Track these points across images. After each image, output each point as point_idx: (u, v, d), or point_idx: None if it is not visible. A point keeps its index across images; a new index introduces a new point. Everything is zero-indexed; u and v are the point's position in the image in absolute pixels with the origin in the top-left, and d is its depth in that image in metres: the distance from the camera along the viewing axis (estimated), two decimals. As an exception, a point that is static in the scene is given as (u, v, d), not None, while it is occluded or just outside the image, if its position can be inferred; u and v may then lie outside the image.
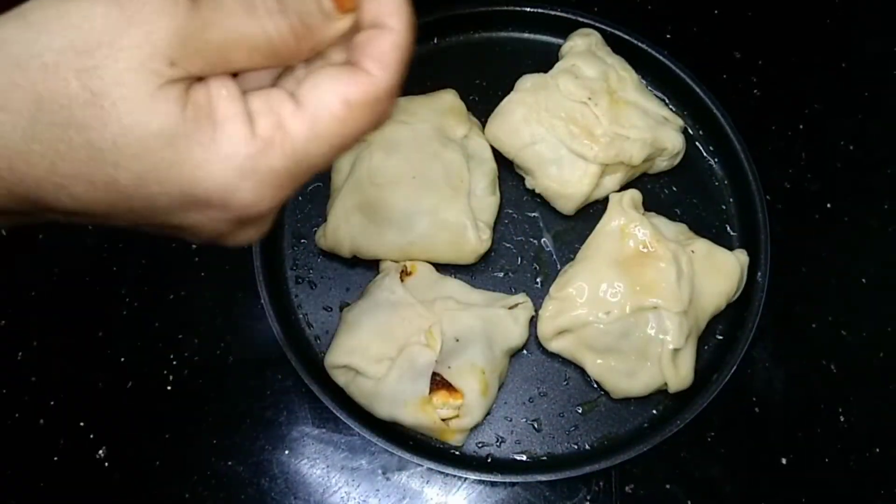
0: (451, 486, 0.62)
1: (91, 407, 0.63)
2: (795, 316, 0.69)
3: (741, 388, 0.65)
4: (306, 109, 0.31)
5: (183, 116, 0.29)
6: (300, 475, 0.62)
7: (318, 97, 0.31)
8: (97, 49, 0.28)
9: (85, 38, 0.28)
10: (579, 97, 0.66)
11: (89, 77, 0.28)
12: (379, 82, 0.32)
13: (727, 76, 0.77)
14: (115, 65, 0.28)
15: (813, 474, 0.64)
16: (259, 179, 0.30)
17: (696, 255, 0.63)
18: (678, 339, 0.60)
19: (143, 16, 0.28)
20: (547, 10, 0.74)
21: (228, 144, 0.30)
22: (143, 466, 0.62)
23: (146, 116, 0.28)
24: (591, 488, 0.62)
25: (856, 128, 0.76)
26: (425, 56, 0.75)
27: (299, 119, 0.31)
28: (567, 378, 0.65)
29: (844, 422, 0.65)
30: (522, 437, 0.63)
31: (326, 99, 0.31)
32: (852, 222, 0.72)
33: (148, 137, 0.28)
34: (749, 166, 0.68)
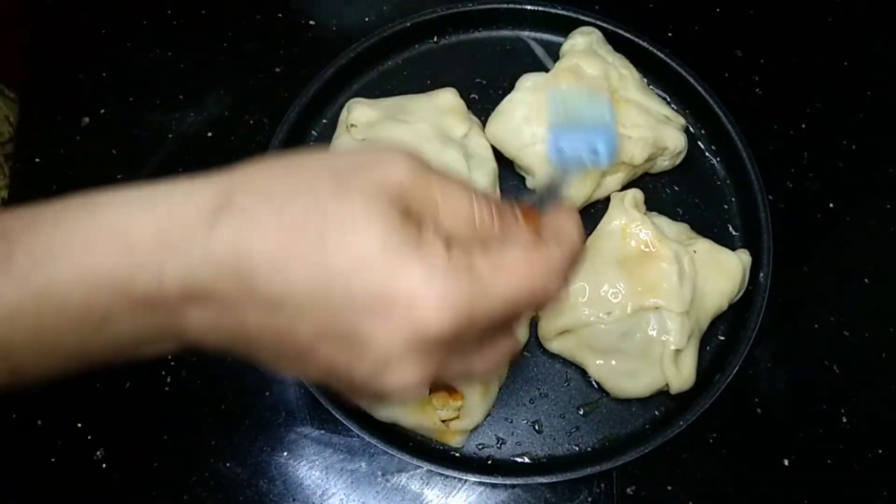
0: (451, 487, 0.61)
1: (89, 408, 0.63)
2: (797, 316, 0.68)
3: (743, 389, 0.65)
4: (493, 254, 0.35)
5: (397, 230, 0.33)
6: (299, 477, 0.61)
7: (504, 250, 0.35)
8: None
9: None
10: (580, 96, 0.65)
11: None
12: (555, 254, 0.37)
13: (729, 75, 0.76)
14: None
15: (815, 475, 0.63)
16: (446, 292, 0.33)
17: (697, 255, 0.63)
18: (680, 340, 0.60)
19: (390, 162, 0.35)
20: (547, 8, 0.74)
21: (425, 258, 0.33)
22: (142, 467, 0.61)
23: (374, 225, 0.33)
24: (593, 490, 0.61)
25: (858, 127, 0.76)
26: (425, 55, 0.75)
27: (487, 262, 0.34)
28: (568, 379, 0.64)
29: (847, 422, 0.65)
30: (523, 439, 0.62)
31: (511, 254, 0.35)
32: (854, 222, 0.72)
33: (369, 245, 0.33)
34: (751, 165, 0.68)
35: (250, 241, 0.32)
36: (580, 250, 0.38)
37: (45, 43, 0.77)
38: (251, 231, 0.32)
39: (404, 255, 0.32)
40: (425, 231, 0.34)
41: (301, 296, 0.32)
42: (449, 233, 0.35)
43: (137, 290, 0.32)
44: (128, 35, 0.77)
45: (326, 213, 0.32)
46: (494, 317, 0.35)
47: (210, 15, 0.78)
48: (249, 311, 0.33)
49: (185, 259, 0.32)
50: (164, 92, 0.74)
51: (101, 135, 0.72)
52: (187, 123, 0.73)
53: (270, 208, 0.33)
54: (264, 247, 0.32)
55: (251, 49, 0.76)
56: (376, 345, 0.33)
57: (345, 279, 0.32)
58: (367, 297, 0.32)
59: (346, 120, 0.68)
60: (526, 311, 0.37)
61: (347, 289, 0.32)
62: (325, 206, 0.33)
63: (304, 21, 0.78)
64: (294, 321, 0.33)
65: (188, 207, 0.33)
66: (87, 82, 0.74)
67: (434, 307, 0.32)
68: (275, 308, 0.33)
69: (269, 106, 0.72)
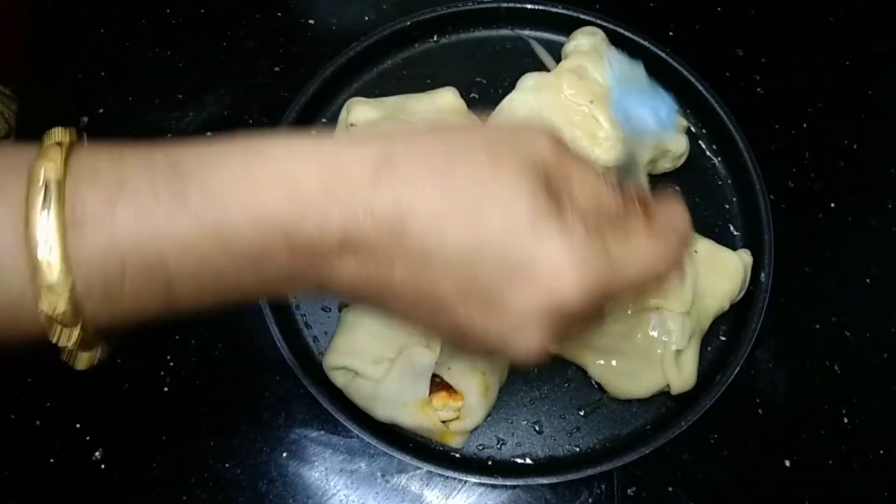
0: (452, 488, 0.61)
1: (88, 408, 0.63)
2: (799, 316, 0.68)
3: (744, 390, 0.64)
4: (621, 237, 0.37)
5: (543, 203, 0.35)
6: (298, 477, 0.61)
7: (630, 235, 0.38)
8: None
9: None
10: (582, 98, 0.65)
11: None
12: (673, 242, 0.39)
13: (730, 74, 0.76)
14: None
15: (817, 476, 0.63)
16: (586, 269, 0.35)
17: (698, 255, 0.63)
18: (681, 340, 0.60)
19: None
20: (548, 8, 0.74)
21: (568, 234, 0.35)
22: (140, 468, 0.61)
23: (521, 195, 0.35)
24: (593, 491, 0.61)
25: (859, 127, 0.75)
26: (425, 54, 0.75)
27: (617, 241, 0.37)
28: (568, 380, 0.64)
29: (848, 423, 0.65)
30: (523, 440, 0.62)
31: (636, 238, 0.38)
32: (856, 222, 0.72)
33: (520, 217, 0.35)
34: (752, 165, 0.68)
35: (411, 199, 0.34)
36: (689, 237, 0.41)
37: (45, 42, 0.77)
38: (413, 189, 0.34)
39: (550, 227, 0.34)
40: (565, 207, 0.36)
41: (452, 255, 0.34)
42: (583, 210, 0.37)
43: (301, 235, 0.34)
44: (127, 34, 0.76)
45: (483, 182, 0.35)
46: (621, 295, 0.37)
47: (209, 14, 0.78)
48: (399, 265, 0.35)
49: (348, 209, 0.34)
50: (163, 91, 0.74)
51: (100, 134, 0.72)
52: (186, 123, 0.73)
53: (432, 170, 0.35)
54: (424, 205, 0.34)
55: (251, 48, 0.76)
56: (514, 309, 0.35)
57: (494, 244, 0.34)
58: (513, 264, 0.34)
59: (345, 119, 0.67)
60: (645, 292, 0.42)
61: (496, 253, 0.34)
62: (481, 175, 0.35)
63: (303, 20, 0.78)
64: (441, 278, 0.35)
65: (354, 160, 0.35)
66: (86, 82, 0.74)
67: (573, 281, 0.34)
68: (425, 263, 0.35)
69: (269, 105, 0.72)
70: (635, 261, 0.37)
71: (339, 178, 0.34)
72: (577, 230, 0.35)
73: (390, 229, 0.34)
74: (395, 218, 0.34)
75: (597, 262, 0.35)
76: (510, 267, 0.34)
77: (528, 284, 0.34)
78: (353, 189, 0.34)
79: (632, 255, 0.37)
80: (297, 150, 0.35)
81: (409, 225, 0.34)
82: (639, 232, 0.38)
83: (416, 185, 0.34)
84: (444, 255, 0.34)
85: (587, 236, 0.35)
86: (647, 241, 0.38)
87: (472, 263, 0.35)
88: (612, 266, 0.36)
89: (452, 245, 0.34)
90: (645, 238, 0.38)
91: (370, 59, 0.73)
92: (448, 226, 0.34)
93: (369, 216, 0.34)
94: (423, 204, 0.34)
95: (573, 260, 0.34)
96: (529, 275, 0.34)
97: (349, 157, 0.35)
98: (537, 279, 0.34)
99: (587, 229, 0.35)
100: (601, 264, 0.35)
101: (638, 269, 0.37)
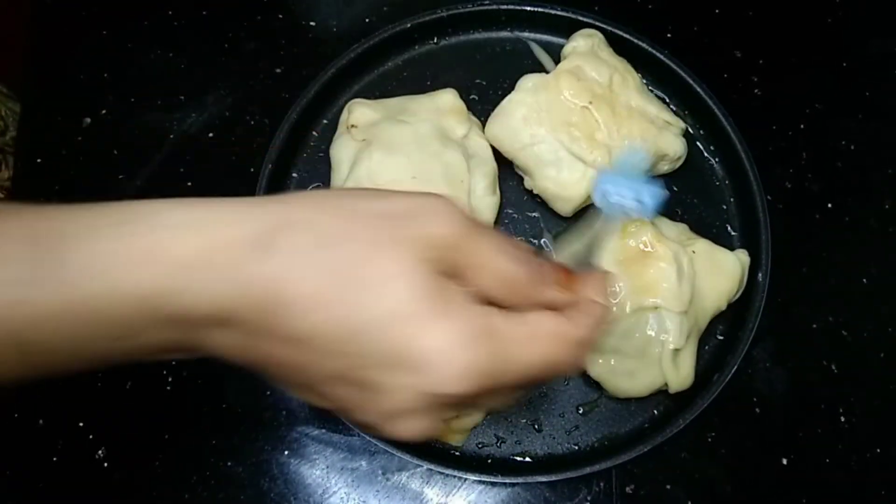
0: (451, 486, 0.62)
1: (90, 407, 0.63)
2: (796, 316, 0.68)
3: (742, 389, 0.65)
4: (525, 323, 0.35)
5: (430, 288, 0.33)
6: (300, 476, 0.62)
7: (536, 319, 0.36)
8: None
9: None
10: (581, 100, 0.66)
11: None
12: (583, 327, 0.37)
13: (728, 75, 0.77)
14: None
15: (814, 475, 0.63)
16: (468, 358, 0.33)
17: (696, 255, 0.63)
18: (679, 340, 0.60)
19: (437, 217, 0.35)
20: (547, 10, 0.74)
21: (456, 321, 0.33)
22: (143, 467, 0.62)
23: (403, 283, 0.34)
24: (592, 489, 0.62)
25: (857, 128, 0.76)
26: (425, 55, 0.75)
27: (517, 330, 0.35)
28: (567, 378, 0.65)
29: (845, 422, 0.65)
30: (522, 438, 0.63)
31: (542, 323, 0.36)
32: (853, 222, 0.72)
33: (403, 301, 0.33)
34: (750, 166, 0.68)
35: (287, 277, 0.33)
36: (604, 321, 0.38)
37: (46, 43, 0.77)
38: (290, 266, 0.33)
39: (436, 315, 0.33)
40: (459, 291, 0.34)
41: (324, 339, 0.33)
42: (486, 293, 0.35)
43: (173, 308, 0.33)
44: (128, 35, 0.77)
45: (365, 263, 0.33)
46: (513, 384, 0.35)
47: (211, 15, 0.78)
48: (274, 343, 0.34)
49: (222, 284, 0.33)
50: (164, 92, 0.74)
51: (102, 135, 0.72)
52: (188, 124, 0.73)
53: (312, 249, 0.33)
54: (299, 287, 0.33)
55: (252, 49, 0.77)
56: (389, 397, 0.34)
57: (369, 331, 0.33)
58: (389, 353, 0.33)
59: (346, 120, 0.68)
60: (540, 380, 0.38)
61: (371, 340, 0.33)
62: (365, 256, 0.33)
63: (304, 22, 0.78)
64: (314, 360, 0.34)
65: (232, 233, 0.33)
66: (88, 82, 0.75)
67: (454, 373, 0.33)
68: (299, 345, 0.34)
69: (270, 106, 0.73)
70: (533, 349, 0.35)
71: (216, 252, 0.33)
72: (464, 316, 0.33)
73: (264, 308, 0.33)
74: (270, 297, 0.33)
75: (484, 352, 0.33)
76: (385, 354, 0.33)
77: (404, 375, 0.33)
78: (229, 263, 0.33)
79: (531, 343, 0.35)
80: (175, 220, 0.34)
81: (282, 305, 0.33)
82: (548, 319, 0.36)
83: (294, 262, 0.33)
84: (316, 339, 0.33)
85: (478, 325, 0.34)
86: (554, 329, 0.36)
87: (346, 349, 0.33)
88: (505, 356, 0.34)
89: (325, 330, 0.33)
90: (553, 325, 0.36)
91: (371, 61, 0.74)
92: (321, 310, 0.33)
93: (244, 293, 0.33)
94: (299, 284, 0.33)
95: (456, 351, 0.33)
96: (406, 365, 0.33)
97: (229, 227, 0.34)
98: (414, 370, 0.33)
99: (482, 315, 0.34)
100: (489, 354, 0.33)
101: (533, 357, 0.35)
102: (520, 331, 0.35)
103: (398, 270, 0.33)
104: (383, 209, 0.35)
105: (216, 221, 0.34)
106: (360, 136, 0.66)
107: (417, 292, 0.33)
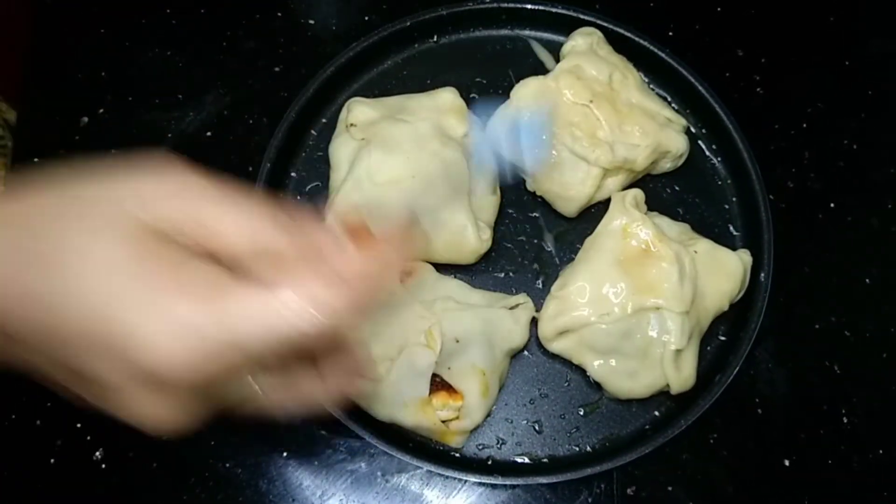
0: (451, 488, 0.61)
1: (88, 408, 0.63)
2: (798, 316, 0.68)
3: (744, 389, 0.64)
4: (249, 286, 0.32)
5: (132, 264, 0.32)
6: (298, 477, 0.61)
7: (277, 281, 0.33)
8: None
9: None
10: (581, 99, 0.65)
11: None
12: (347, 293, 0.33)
13: (730, 74, 0.76)
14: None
15: (816, 475, 0.63)
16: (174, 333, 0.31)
17: (698, 255, 0.62)
18: (680, 340, 0.60)
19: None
20: (548, 8, 0.74)
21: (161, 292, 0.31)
22: (141, 468, 0.61)
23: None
24: (593, 490, 0.61)
25: (859, 127, 0.75)
26: (425, 54, 0.75)
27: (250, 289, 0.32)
28: (568, 379, 0.64)
29: (847, 423, 0.65)
30: (523, 439, 0.62)
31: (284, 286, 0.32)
32: (855, 222, 0.72)
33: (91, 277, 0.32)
34: (752, 165, 0.68)
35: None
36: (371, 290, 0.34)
37: (45, 43, 0.77)
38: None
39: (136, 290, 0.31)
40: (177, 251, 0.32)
41: (31, 332, 0.33)
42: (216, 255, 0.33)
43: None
44: (127, 34, 0.76)
45: (67, 246, 0.32)
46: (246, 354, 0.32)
47: (209, 14, 0.78)
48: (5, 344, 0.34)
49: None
50: (163, 91, 0.74)
51: (100, 134, 0.72)
52: (186, 123, 0.73)
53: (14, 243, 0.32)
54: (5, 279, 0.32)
55: (250, 48, 0.76)
56: (105, 381, 0.33)
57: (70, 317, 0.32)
58: (89, 335, 0.32)
59: (345, 119, 0.68)
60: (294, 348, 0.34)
61: (71, 326, 0.32)
62: (66, 242, 0.32)
63: (303, 20, 0.78)
64: (29, 353, 0.34)
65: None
66: (86, 82, 0.74)
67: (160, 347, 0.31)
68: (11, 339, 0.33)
69: (269, 105, 0.72)
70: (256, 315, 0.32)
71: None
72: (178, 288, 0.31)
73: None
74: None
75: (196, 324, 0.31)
76: (86, 339, 0.32)
77: (106, 355, 0.32)
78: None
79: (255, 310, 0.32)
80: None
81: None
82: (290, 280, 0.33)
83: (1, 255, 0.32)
84: (24, 333, 0.33)
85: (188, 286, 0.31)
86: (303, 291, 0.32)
87: (51, 340, 0.33)
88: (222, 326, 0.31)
89: (30, 323, 0.32)
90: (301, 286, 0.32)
91: (370, 59, 0.73)
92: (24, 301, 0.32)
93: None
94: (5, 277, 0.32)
95: (158, 324, 0.31)
96: (106, 346, 0.32)
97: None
98: (114, 349, 0.31)
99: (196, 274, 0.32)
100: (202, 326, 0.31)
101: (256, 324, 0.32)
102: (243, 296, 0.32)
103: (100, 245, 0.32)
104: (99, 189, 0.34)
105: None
106: (360, 135, 0.66)
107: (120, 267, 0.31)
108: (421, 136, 0.65)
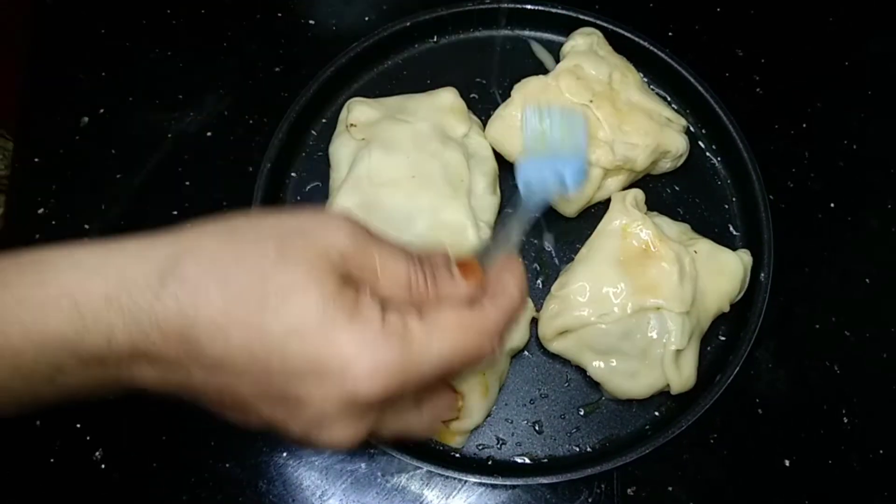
0: (451, 488, 0.61)
1: (88, 408, 0.63)
2: (798, 316, 0.68)
3: (744, 390, 0.64)
4: (427, 320, 0.37)
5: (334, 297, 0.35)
6: (298, 477, 0.61)
7: (439, 315, 0.37)
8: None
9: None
10: (581, 99, 0.65)
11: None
12: (490, 315, 0.38)
13: (729, 74, 0.76)
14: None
15: (816, 476, 0.63)
16: (377, 358, 0.35)
17: (698, 255, 0.62)
18: (680, 340, 0.60)
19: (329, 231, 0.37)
20: (548, 8, 0.74)
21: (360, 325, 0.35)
22: (141, 468, 0.61)
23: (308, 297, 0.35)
24: (593, 490, 0.61)
25: (859, 127, 0.76)
26: (425, 54, 0.75)
27: (420, 326, 0.36)
28: (568, 379, 0.64)
29: (848, 423, 0.65)
30: (523, 439, 0.62)
31: (445, 316, 0.37)
32: (855, 222, 0.72)
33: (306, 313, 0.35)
34: (752, 165, 0.68)
35: (195, 305, 0.34)
36: (519, 306, 0.40)
37: (45, 43, 0.77)
38: (195, 297, 0.34)
39: (340, 322, 0.34)
40: (362, 297, 0.36)
41: (240, 360, 0.35)
42: (386, 297, 0.37)
43: (86, 349, 0.34)
44: (127, 35, 0.76)
45: (268, 281, 0.35)
46: (427, 378, 0.37)
47: (210, 14, 0.78)
48: (194, 371, 0.35)
49: (134, 321, 0.34)
50: (163, 91, 0.74)
51: (100, 135, 0.72)
52: (187, 123, 0.73)
53: (215, 275, 0.35)
54: (207, 313, 0.34)
55: (251, 49, 0.76)
56: (311, 407, 0.36)
57: (281, 346, 0.34)
58: (303, 363, 0.34)
59: (345, 119, 0.68)
60: (460, 371, 0.39)
61: (283, 355, 0.34)
62: (266, 274, 0.35)
63: (303, 20, 0.78)
64: (235, 381, 0.36)
65: (138, 270, 0.35)
66: (87, 82, 0.74)
67: (366, 373, 0.34)
68: (217, 370, 0.35)
69: (269, 105, 0.72)
70: (440, 342, 0.36)
71: (124, 289, 0.34)
72: (371, 320, 0.35)
73: (178, 339, 0.34)
74: (181, 327, 0.34)
75: (392, 350, 0.35)
76: (300, 367, 0.34)
77: (320, 382, 0.35)
78: (138, 299, 0.34)
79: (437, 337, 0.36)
80: (79, 263, 0.35)
81: (194, 333, 0.34)
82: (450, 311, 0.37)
83: (200, 288, 0.34)
84: (233, 362, 0.35)
85: (383, 326, 0.35)
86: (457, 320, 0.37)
87: (261, 366, 0.35)
88: (412, 351, 0.35)
89: (239, 351, 0.34)
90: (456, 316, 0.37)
91: (370, 60, 0.73)
92: (233, 332, 0.34)
93: (155, 327, 0.34)
94: (208, 308, 0.34)
95: (365, 352, 0.34)
96: (320, 373, 0.34)
97: (135, 264, 0.35)
98: (329, 376, 0.34)
99: (385, 317, 0.36)
100: (397, 351, 0.35)
101: (442, 349, 0.36)
102: (425, 326, 0.36)
103: (303, 283, 0.35)
104: (283, 226, 0.37)
105: (118, 262, 0.35)
106: (360, 135, 0.66)
107: (323, 303, 0.34)
108: (421, 136, 0.65)
